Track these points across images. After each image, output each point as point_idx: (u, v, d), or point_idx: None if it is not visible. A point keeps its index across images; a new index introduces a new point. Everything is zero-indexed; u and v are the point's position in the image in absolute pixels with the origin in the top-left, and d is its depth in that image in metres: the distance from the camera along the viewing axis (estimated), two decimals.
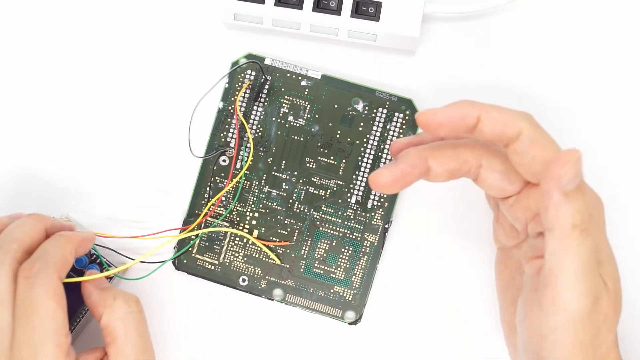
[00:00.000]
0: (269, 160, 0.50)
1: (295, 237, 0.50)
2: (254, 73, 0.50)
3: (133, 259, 0.48)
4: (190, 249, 0.50)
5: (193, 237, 0.49)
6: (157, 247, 0.48)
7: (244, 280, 0.50)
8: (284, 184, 0.50)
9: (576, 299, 0.35)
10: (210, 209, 0.50)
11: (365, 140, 0.50)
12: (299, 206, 0.50)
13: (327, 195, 0.50)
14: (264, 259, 0.50)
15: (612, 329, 0.38)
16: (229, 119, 0.50)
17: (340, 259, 0.50)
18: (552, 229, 0.35)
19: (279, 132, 0.50)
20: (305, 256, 0.50)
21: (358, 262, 0.50)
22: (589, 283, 0.35)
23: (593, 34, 0.51)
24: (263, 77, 0.50)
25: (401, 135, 0.50)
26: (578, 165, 0.34)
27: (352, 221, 0.50)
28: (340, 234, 0.50)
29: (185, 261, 0.50)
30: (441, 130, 0.38)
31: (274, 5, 0.48)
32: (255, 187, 0.50)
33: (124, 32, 0.52)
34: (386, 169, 0.39)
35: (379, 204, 0.50)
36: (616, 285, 0.38)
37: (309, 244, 0.50)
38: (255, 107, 0.50)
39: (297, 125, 0.50)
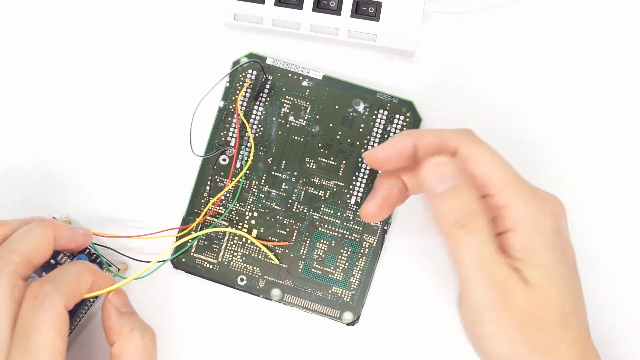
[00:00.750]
0: (269, 160, 0.50)
1: (294, 237, 0.50)
2: (255, 73, 0.50)
3: (133, 258, 0.49)
4: (188, 247, 0.50)
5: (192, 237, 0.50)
6: (170, 246, 0.49)
7: (242, 280, 0.50)
8: (283, 184, 0.50)
9: (479, 291, 0.37)
10: (210, 209, 0.50)
11: (365, 141, 0.50)
12: (299, 206, 0.50)
13: (327, 196, 0.50)
14: (262, 258, 0.50)
15: (549, 329, 0.38)
16: (229, 118, 0.50)
17: (338, 260, 0.50)
18: (440, 230, 0.38)
19: (280, 132, 0.50)
20: (304, 256, 0.50)
21: (357, 263, 0.50)
22: (486, 275, 0.37)
23: (593, 34, 0.51)
24: (264, 76, 0.50)
25: None
26: (440, 168, 0.37)
27: (351, 222, 0.50)
28: (339, 235, 0.50)
29: (183, 260, 0.50)
30: (388, 166, 0.42)
31: (274, 5, 0.48)
32: (255, 187, 0.50)
33: (124, 31, 0.52)
34: (369, 200, 0.44)
35: None
36: (549, 288, 0.38)
37: (307, 244, 0.50)
38: (256, 107, 0.50)
39: (298, 125, 0.50)
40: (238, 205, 0.50)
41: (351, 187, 0.50)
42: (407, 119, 0.49)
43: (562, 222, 0.39)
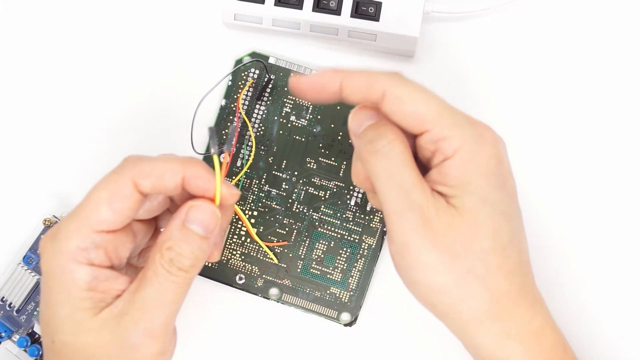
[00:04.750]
0: (269, 159, 0.50)
1: (293, 237, 0.50)
2: (257, 72, 0.51)
3: None
4: None
5: None
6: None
7: (240, 279, 0.50)
8: (284, 183, 0.50)
9: (398, 215, 0.36)
10: None
11: None
12: (298, 206, 0.50)
13: (327, 196, 0.50)
14: (261, 257, 0.50)
15: (482, 256, 0.36)
16: (230, 117, 0.50)
17: (337, 261, 0.50)
18: (364, 169, 0.38)
19: (281, 132, 0.50)
20: (302, 256, 0.50)
21: (355, 264, 0.49)
22: (403, 199, 0.36)
23: (593, 33, 0.50)
24: (267, 75, 0.50)
25: None
26: (359, 113, 0.38)
27: (351, 223, 0.50)
28: (339, 236, 0.50)
29: None
30: (307, 96, 0.39)
31: (274, 5, 0.48)
32: (255, 186, 0.50)
33: (124, 31, 0.52)
34: (306, 77, 0.40)
35: None
36: (477, 215, 0.36)
37: (306, 245, 0.50)
38: (257, 106, 0.50)
39: (299, 125, 0.50)
40: (238, 204, 0.50)
41: (351, 188, 0.50)
42: None
43: (503, 152, 0.38)
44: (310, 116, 0.50)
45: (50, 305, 0.37)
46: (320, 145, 0.50)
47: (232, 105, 0.50)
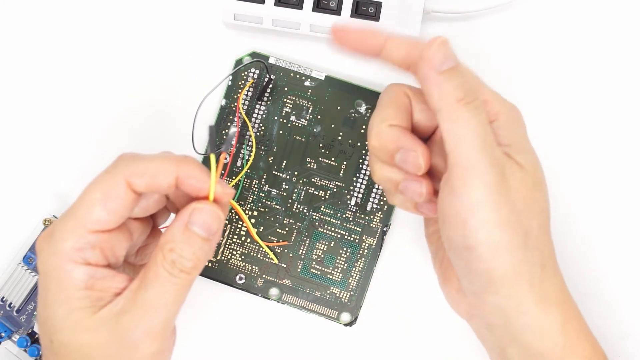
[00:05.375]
0: (269, 159, 0.50)
1: (293, 237, 0.50)
2: (257, 72, 0.51)
3: None
4: None
5: None
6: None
7: (240, 279, 0.50)
8: (284, 183, 0.50)
9: (482, 170, 0.35)
10: None
11: (366, 142, 0.49)
12: (299, 206, 0.50)
13: (327, 197, 0.50)
14: (261, 257, 0.50)
15: (537, 216, 0.37)
16: (231, 117, 0.50)
17: (337, 261, 0.50)
18: (440, 108, 0.36)
19: (281, 132, 0.50)
20: (302, 256, 0.50)
21: (355, 264, 0.49)
22: (489, 154, 0.36)
23: (593, 32, 0.50)
24: (267, 75, 0.50)
25: None
26: (445, 47, 0.36)
27: (351, 223, 0.50)
28: (339, 236, 0.50)
29: None
30: (349, 45, 0.39)
31: (274, 5, 0.48)
32: (255, 186, 0.50)
33: (125, 31, 0.52)
34: (353, 24, 0.40)
35: (379, 207, 0.49)
36: (536, 173, 0.38)
37: (307, 245, 0.50)
38: (257, 106, 0.50)
39: (299, 125, 0.50)
40: (239, 203, 0.50)
41: (351, 188, 0.50)
42: None
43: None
44: (311, 116, 0.50)
45: (47, 305, 0.37)
46: (321, 145, 0.50)
47: (232, 105, 0.50)
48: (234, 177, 0.50)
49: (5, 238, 0.51)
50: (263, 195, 0.50)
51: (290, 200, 0.50)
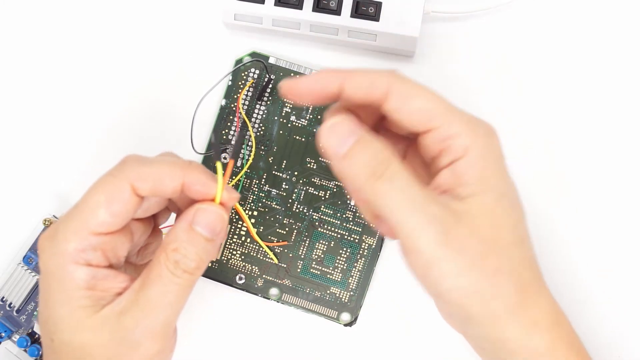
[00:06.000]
0: (269, 159, 0.50)
1: (293, 237, 0.50)
2: (257, 71, 0.51)
3: None
4: None
5: None
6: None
7: (240, 279, 0.50)
8: (284, 183, 0.50)
9: (420, 233, 0.34)
10: None
11: None
12: (298, 206, 0.50)
13: (327, 196, 0.50)
14: (261, 257, 0.50)
15: (506, 250, 0.36)
16: (230, 117, 0.50)
17: (337, 261, 0.50)
18: (358, 189, 0.35)
19: (281, 132, 0.50)
20: (302, 256, 0.50)
21: (355, 264, 0.49)
22: (422, 215, 0.34)
23: (593, 32, 0.50)
24: (267, 75, 0.50)
25: None
26: (337, 128, 0.35)
27: (351, 223, 0.50)
28: (339, 236, 0.50)
29: None
30: (305, 100, 0.38)
31: (274, 5, 0.48)
32: (255, 186, 0.50)
33: (125, 31, 0.52)
34: (303, 79, 0.37)
35: None
36: (498, 206, 0.36)
37: (306, 245, 0.50)
38: (257, 106, 0.50)
39: (299, 125, 0.50)
40: (239, 203, 0.50)
41: None
42: None
43: (501, 147, 0.38)
44: (310, 116, 0.50)
45: (48, 305, 0.37)
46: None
47: (232, 105, 0.50)
48: (233, 177, 0.50)
49: (5, 238, 0.51)
50: (263, 195, 0.50)
51: (290, 200, 0.50)
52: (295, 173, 0.50)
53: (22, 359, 0.50)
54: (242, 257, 0.50)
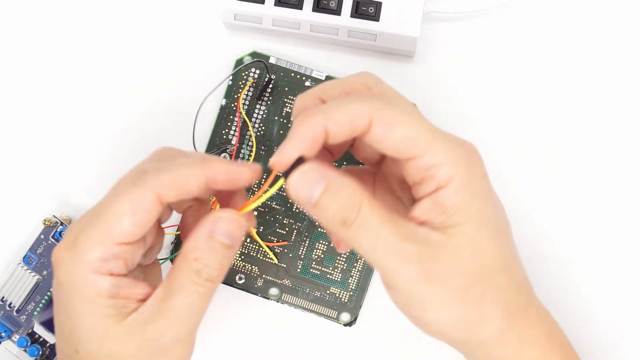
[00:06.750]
0: (270, 159, 0.50)
1: (293, 237, 0.50)
2: (257, 71, 0.51)
3: None
4: None
5: None
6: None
7: (240, 278, 0.50)
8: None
9: (397, 272, 0.35)
10: (212, 207, 0.50)
11: None
12: (298, 206, 0.50)
13: None
14: (261, 257, 0.50)
15: (491, 280, 0.36)
16: (231, 116, 0.51)
17: (337, 261, 0.50)
18: (334, 234, 0.37)
19: (281, 132, 0.50)
20: (302, 256, 0.50)
21: (355, 264, 0.49)
22: (398, 256, 0.34)
23: (593, 32, 0.50)
24: (267, 75, 0.50)
25: None
26: (303, 179, 0.34)
27: None
28: None
29: None
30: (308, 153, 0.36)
31: (274, 5, 0.48)
32: (255, 186, 0.50)
33: (125, 31, 0.53)
34: (287, 144, 0.36)
35: None
36: (481, 236, 0.36)
37: (306, 245, 0.50)
38: (258, 106, 0.50)
39: None
40: None
41: None
42: None
43: (484, 167, 0.37)
44: None
45: (72, 316, 0.37)
46: None
47: (233, 105, 0.51)
48: None
49: (5, 238, 0.51)
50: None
51: (290, 200, 0.50)
52: None
53: (22, 359, 0.50)
54: (242, 257, 0.50)
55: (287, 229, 0.50)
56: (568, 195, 0.50)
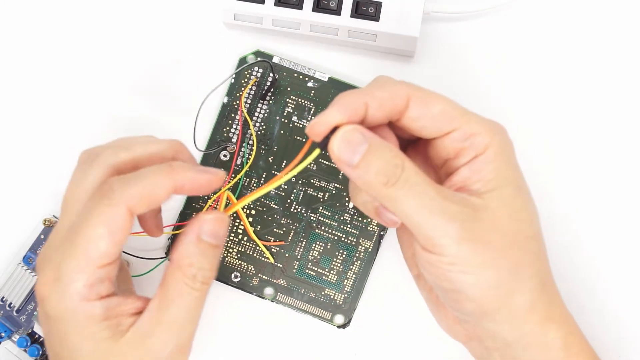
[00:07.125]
0: (270, 158, 0.50)
1: (290, 238, 0.50)
2: (260, 70, 0.51)
3: (129, 254, 0.50)
4: None
5: None
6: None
7: (236, 277, 0.50)
8: (283, 183, 0.50)
9: (441, 232, 0.35)
10: (211, 205, 0.50)
11: None
12: (297, 207, 0.50)
13: (326, 198, 0.50)
14: (257, 256, 0.50)
15: (525, 245, 0.37)
16: (232, 115, 0.51)
17: (333, 262, 0.49)
18: (375, 196, 0.36)
19: (282, 132, 0.50)
20: (299, 257, 0.49)
21: (351, 267, 0.49)
22: (441, 215, 0.35)
23: (592, 32, 0.50)
24: (271, 75, 0.50)
25: None
26: (348, 138, 0.35)
27: (349, 225, 0.49)
28: (336, 238, 0.49)
29: None
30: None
31: (274, 5, 0.49)
32: (255, 185, 0.50)
33: (125, 31, 0.53)
34: (328, 110, 0.36)
35: None
36: (516, 202, 0.37)
37: (303, 245, 0.49)
38: (259, 105, 0.51)
39: (301, 125, 0.50)
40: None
41: None
42: None
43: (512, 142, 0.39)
44: (312, 117, 0.50)
45: (69, 347, 0.37)
46: None
47: (234, 104, 0.51)
48: (234, 176, 0.50)
49: (5, 238, 0.52)
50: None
51: (288, 201, 0.50)
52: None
53: (22, 359, 0.50)
54: (239, 255, 0.50)
55: (284, 229, 0.50)
56: (568, 195, 0.49)
